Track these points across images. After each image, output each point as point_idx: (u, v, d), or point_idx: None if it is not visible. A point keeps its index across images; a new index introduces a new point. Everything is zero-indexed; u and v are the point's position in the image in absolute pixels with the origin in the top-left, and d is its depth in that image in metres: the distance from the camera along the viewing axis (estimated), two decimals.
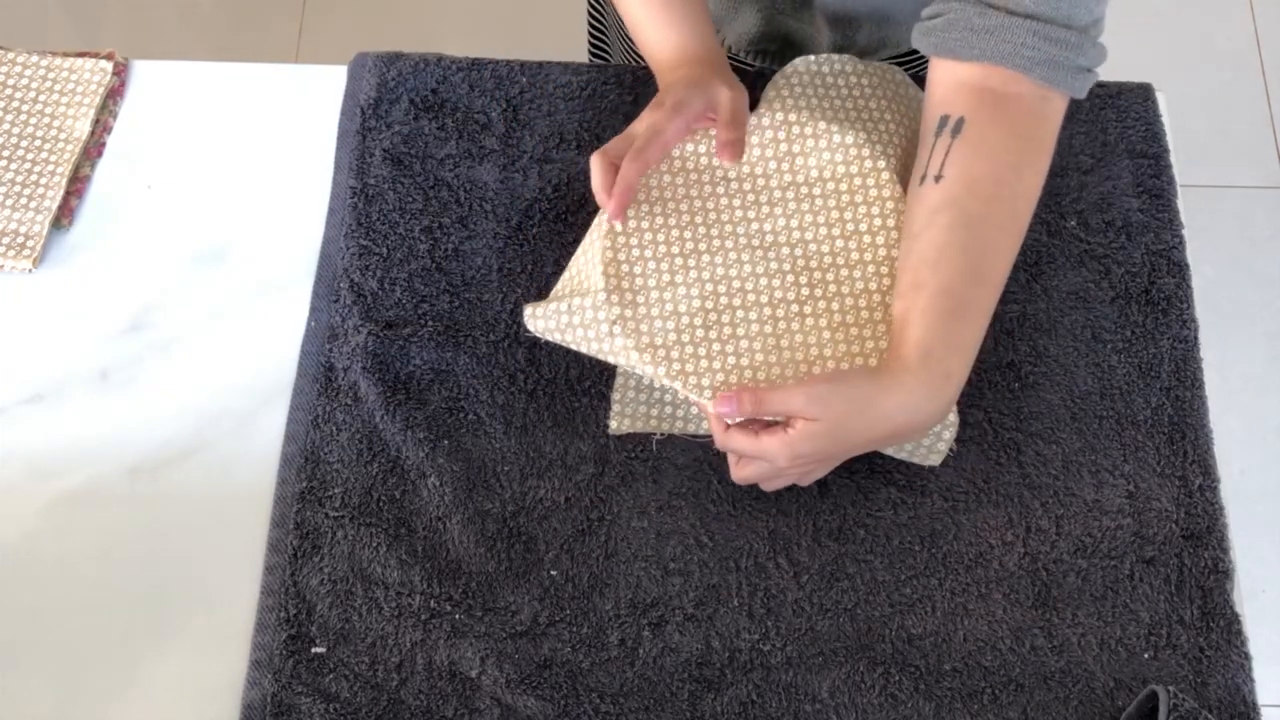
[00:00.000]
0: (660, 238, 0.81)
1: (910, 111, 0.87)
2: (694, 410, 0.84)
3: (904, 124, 0.86)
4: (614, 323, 0.78)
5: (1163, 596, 0.80)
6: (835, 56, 0.87)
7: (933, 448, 0.81)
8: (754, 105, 0.88)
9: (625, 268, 0.80)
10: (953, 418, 0.80)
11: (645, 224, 0.81)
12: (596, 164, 0.79)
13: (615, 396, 0.85)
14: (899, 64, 1.05)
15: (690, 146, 0.83)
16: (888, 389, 0.72)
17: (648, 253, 0.80)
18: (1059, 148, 0.93)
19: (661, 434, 0.85)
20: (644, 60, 1.09)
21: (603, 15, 1.13)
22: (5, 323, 0.90)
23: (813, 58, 0.87)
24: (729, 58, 1.05)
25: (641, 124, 0.81)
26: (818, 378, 0.74)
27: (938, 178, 0.76)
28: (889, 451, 0.82)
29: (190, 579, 0.82)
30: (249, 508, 0.84)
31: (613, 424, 0.84)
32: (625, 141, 0.80)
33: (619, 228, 0.80)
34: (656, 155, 0.80)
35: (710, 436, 0.80)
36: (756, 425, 0.75)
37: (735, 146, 0.80)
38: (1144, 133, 0.94)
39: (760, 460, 0.75)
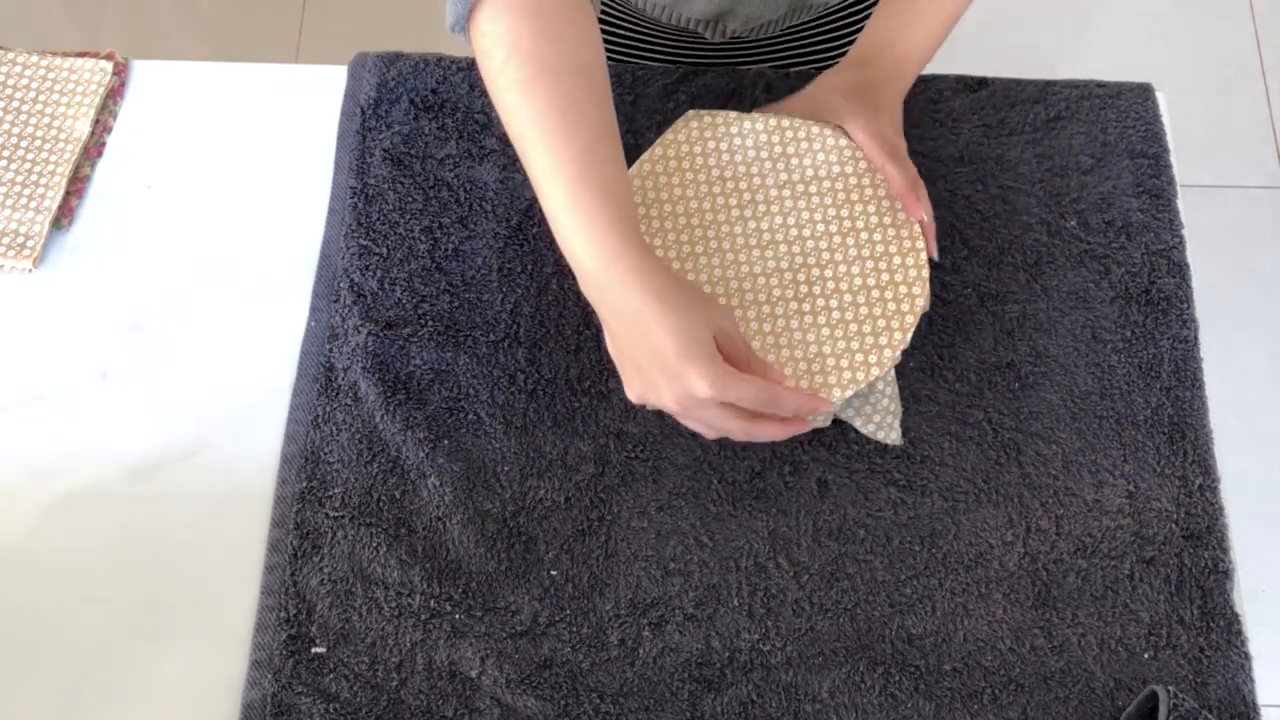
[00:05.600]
0: (657, 241, 0.81)
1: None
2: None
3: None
4: None
5: (1163, 596, 0.80)
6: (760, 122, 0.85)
7: (892, 425, 0.82)
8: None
9: None
10: (898, 403, 0.83)
11: (642, 227, 0.81)
12: (774, 434, 0.74)
13: None
14: (852, 14, 1.08)
15: (685, 146, 0.83)
16: (873, 83, 0.83)
17: None
18: (1059, 148, 0.94)
19: None
20: (646, 62, 1.10)
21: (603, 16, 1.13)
22: (5, 323, 0.90)
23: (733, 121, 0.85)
24: (681, 30, 1.05)
25: (707, 418, 0.71)
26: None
27: None
28: (856, 424, 0.83)
29: (190, 579, 0.82)
30: (249, 508, 0.84)
31: None
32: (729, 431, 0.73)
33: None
34: (762, 394, 0.71)
35: None
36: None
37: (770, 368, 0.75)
38: (1144, 133, 0.94)
39: None
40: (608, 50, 1.10)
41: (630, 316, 0.69)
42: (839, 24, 1.08)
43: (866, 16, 1.08)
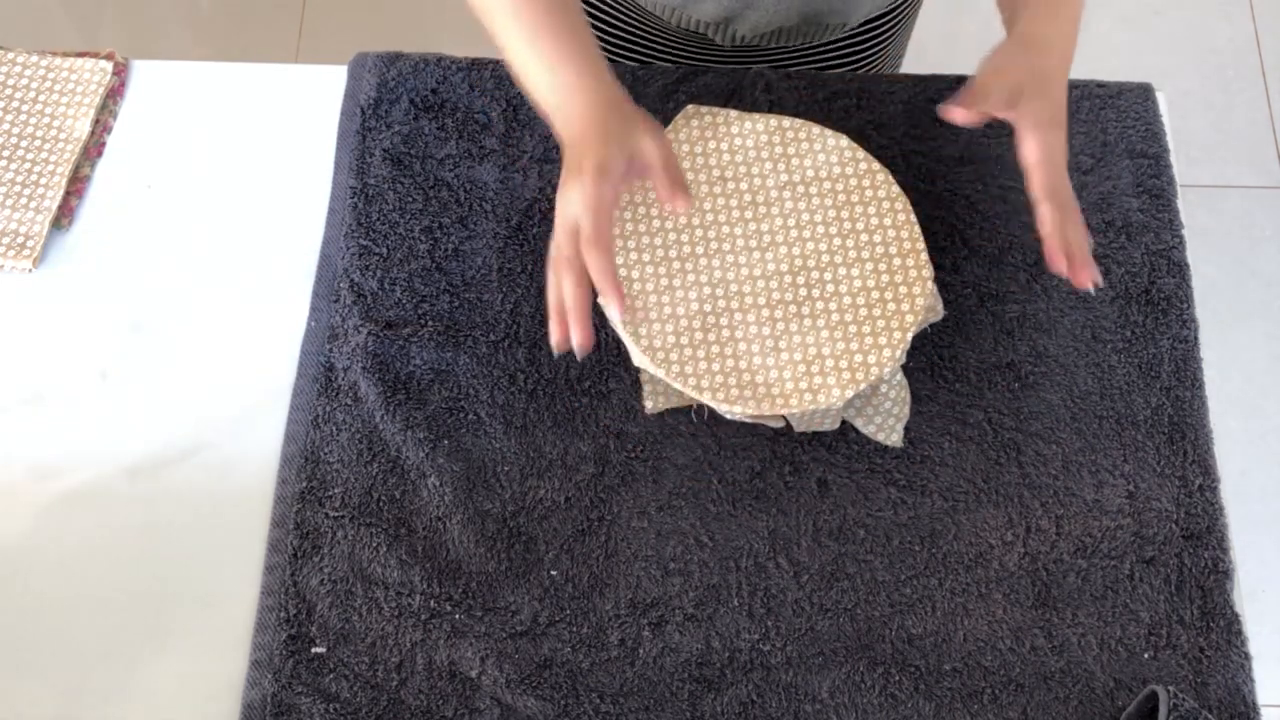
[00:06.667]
0: (658, 241, 0.81)
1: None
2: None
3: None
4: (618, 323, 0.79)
5: (1163, 596, 0.80)
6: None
7: (894, 429, 0.83)
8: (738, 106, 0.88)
9: (623, 271, 0.80)
10: (905, 408, 0.83)
11: (643, 227, 0.81)
12: (567, 282, 0.71)
13: (644, 377, 0.85)
14: (869, 38, 1.07)
15: (686, 146, 0.83)
16: (1030, 44, 0.76)
17: (645, 256, 0.80)
18: None
19: (697, 407, 0.84)
20: (640, 61, 1.10)
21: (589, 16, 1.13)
22: (5, 323, 0.90)
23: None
24: (689, 32, 1.05)
25: (569, 204, 0.72)
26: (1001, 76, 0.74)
27: None
28: (858, 424, 0.83)
29: (190, 579, 0.82)
30: (249, 508, 0.84)
31: (648, 404, 0.84)
32: (569, 235, 0.72)
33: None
34: (608, 230, 0.71)
35: (739, 411, 0.78)
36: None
37: (681, 195, 0.73)
38: (1144, 133, 0.94)
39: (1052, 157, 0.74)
40: (615, 50, 1.09)
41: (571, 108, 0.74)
42: (854, 48, 1.07)
43: (879, 38, 1.07)
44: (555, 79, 0.75)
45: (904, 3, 1.06)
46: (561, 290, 0.72)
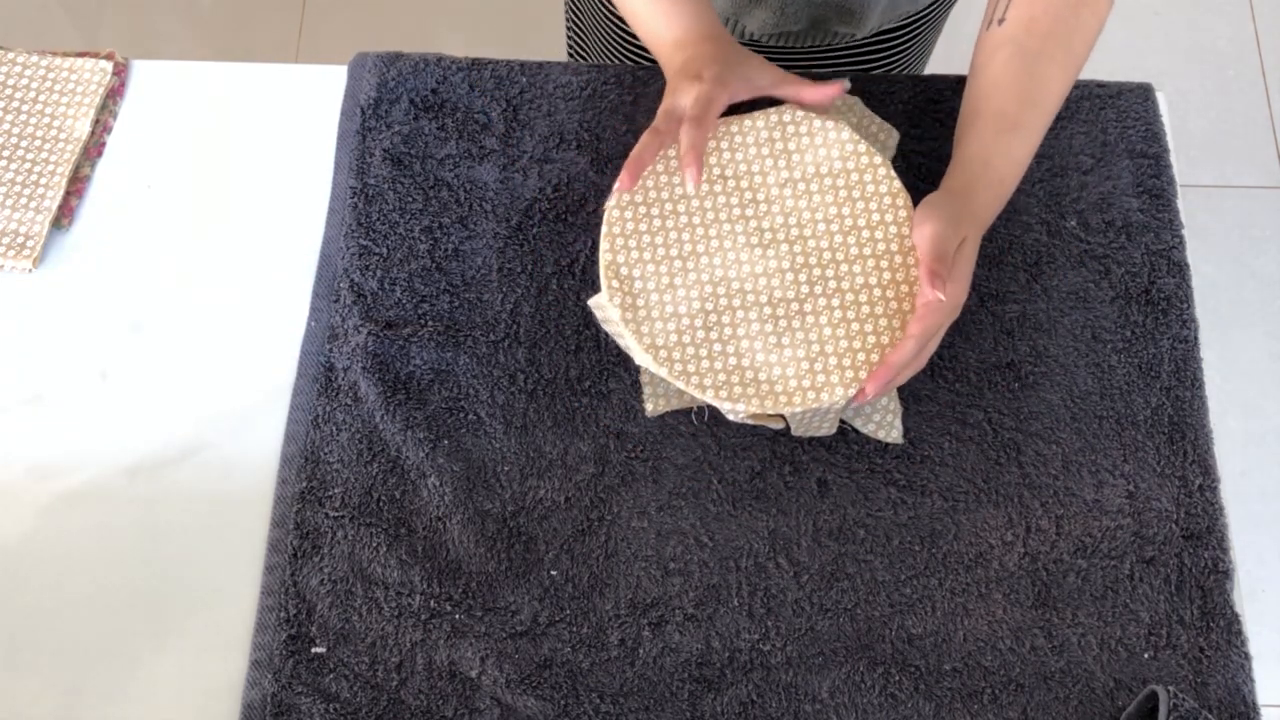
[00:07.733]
0: (659, 240, 0.81)
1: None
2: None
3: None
4: (620, 323, 0.79)
5: (1163, 596, 0.80)
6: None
7: (892, 424, 0.83)
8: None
9: (625, 270, 0.80)
10: (895, 405, 0.83)
11: (644, 226, 0.81)
12: (644, 139, 0.78)
13: (644, 379, 0.85)
14: (882, 47, 1.07)
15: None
16: (962, 210, 0.77)
17: (646, 255, 0.80)
18: (1059, 148, 0.94)
19: (698, 409, 0.84)
20: (629, 60, 1.10)
21: (579, 18, 1.13)
22: (5, 323, 0.90)
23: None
24: (749, 43, 1.05)
25: (685, 96, 0.79)
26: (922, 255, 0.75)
27: (1000, 20, 0.82)
28: (856, 424, 0.83)
29: (190, 579, 0.82)
30: (249, 508, 0.84)
31: (648, 406, 0.85)
32: (665, 115, 0.79)
33: (622, 219, 0.80)
34: (712, 123, 0.79)
35: (743, 409, 0.79)
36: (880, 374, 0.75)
37: (813, 88, 0.81)
38: (1144, 133, 0.94)
39: (907, 359, 0.76)
40: (625, 45, 1.09)
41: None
42: (867, 56, 1.08)
43: (894, 48, 1.08)
44: (671, 23, 0.83)
45: (920, 18, 1.06)
46: (637, 147, 0.79)
